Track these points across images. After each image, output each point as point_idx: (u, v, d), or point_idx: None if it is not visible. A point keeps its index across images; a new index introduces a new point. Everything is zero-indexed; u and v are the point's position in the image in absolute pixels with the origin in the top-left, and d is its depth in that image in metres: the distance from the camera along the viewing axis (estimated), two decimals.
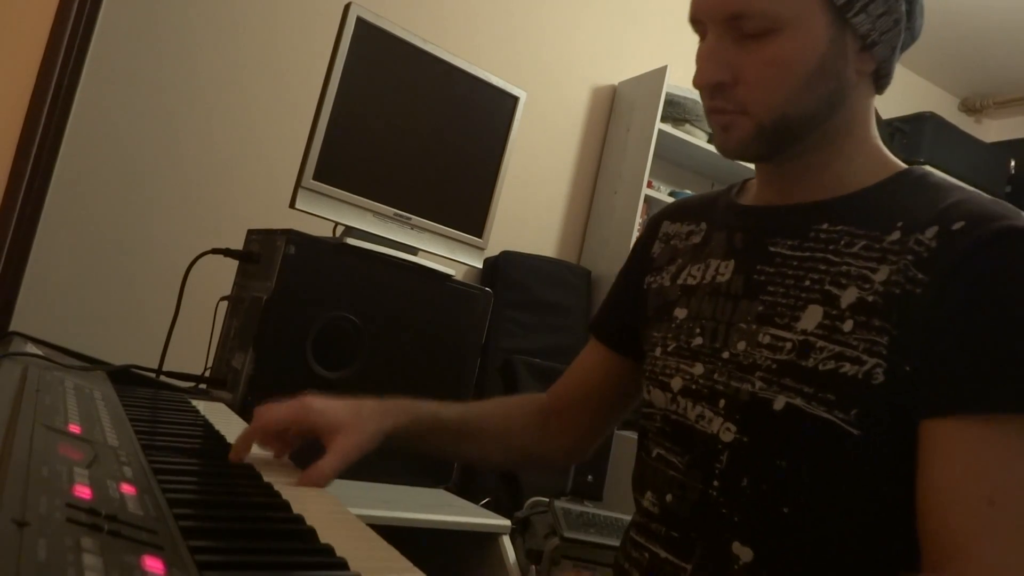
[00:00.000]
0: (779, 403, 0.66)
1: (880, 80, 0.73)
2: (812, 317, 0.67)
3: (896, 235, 0.66)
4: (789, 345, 0.67)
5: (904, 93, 3.74)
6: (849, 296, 0.65)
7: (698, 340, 0.75)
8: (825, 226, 0.71)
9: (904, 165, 0.74)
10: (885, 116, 3.01)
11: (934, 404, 0.60)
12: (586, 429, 0.95)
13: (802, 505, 0.65)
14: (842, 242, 0.69)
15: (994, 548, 0.56)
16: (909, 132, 3.22)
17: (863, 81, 0.71)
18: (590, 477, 2.29)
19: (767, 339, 0.69)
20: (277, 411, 0.75)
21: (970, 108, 4.15)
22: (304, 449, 0.77)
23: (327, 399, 0.78)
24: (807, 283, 0.69)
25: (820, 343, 0.65)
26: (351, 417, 0.76)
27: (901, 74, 3.82)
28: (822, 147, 0.72)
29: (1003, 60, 3.70)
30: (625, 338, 0.90)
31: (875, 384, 0.62)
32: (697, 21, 0.72)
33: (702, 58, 0.70)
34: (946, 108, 3.97)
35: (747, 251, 0.75)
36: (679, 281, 0.82)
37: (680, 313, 0.79)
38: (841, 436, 0.63)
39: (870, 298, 0.64)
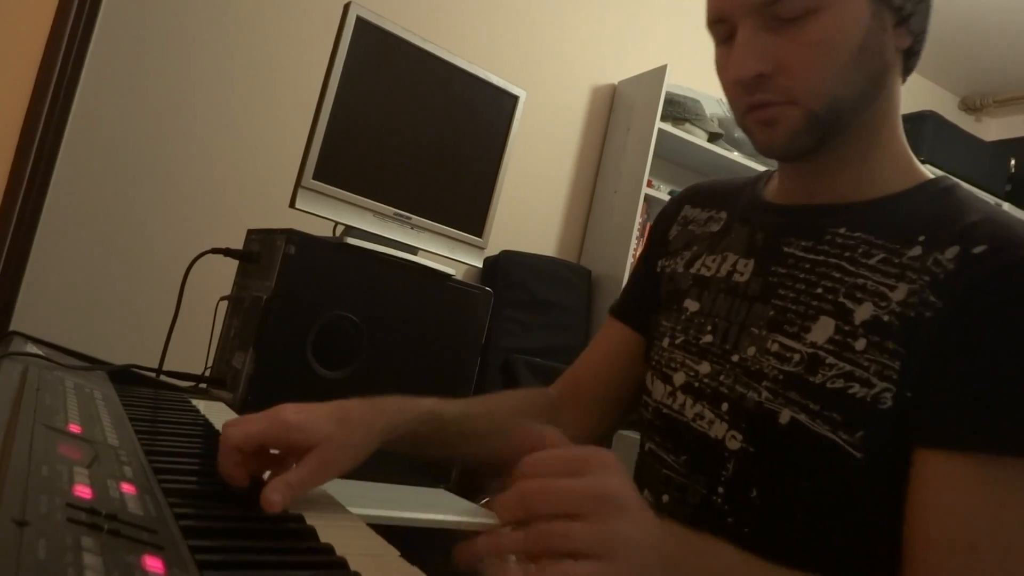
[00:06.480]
0: (784, 416, 0.64)
1: (910, 60, 0.70)
2: (823, 330, 0.64)
3: (917, 251, 0.63)
4: (797, 357, 0.64)
5: (904, 92, 3.71)
6: (864, 312, 0.62)
7: (708, 338, 0.73)
8: (843, 230, 0.68)
9: (930, 174, 0.71)
10: None
11: (928, 434, 0.58)
12: (597, 420, 0.89)
13: (802, 522, 0.63)
14: (859, 251, 0.66)
15: None
16: (909, 131, 3.10)
17: (898, 61, 0.69)
18: None
19: (775, 347, 0.66)
20: (247, 427, 0.60)
21: (970, 107, 4.14)
22: None
23: (306, 407, 0.63)
24: (819, 290, 0.66)
25: (830, 359, 0.63)
26: (336, 428, 0.62)
27: None
28: (858, 137, 0.69)
29: (1003, 58, 3.70)
30: (646, 319, 0.85)
31: (882, 408, 0.60)
32: (720, 21, 0.67)
33: (739, 52, 0.64)
34: (946, 107, 3.96)
35: (765, 251, 0.73)
36: (692, 270, 0.79)
37: (691, 305, 0.77)
38: (844, 457, 0.61)
39: (886, 318, 0.61)
